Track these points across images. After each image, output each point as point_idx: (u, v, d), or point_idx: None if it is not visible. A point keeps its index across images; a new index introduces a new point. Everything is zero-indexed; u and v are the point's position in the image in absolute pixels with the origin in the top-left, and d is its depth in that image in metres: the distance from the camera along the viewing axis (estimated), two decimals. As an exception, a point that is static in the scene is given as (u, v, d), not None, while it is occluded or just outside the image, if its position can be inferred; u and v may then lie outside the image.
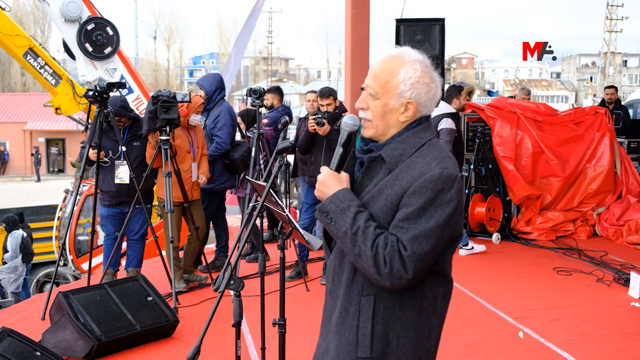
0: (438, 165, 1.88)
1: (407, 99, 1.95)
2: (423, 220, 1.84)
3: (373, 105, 1.99)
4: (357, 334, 1.94)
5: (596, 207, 8.21)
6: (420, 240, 1.83)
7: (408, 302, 1.94)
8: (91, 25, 9.96)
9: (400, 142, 1.96)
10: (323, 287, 5.96)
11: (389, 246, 1.83)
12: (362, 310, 1.94)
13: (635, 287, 5.56)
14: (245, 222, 5.93)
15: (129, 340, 4.41)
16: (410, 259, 1.82)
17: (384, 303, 1.93)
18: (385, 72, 1.97)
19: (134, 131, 5.79)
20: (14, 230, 10.55)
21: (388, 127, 1.99)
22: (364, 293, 1.95)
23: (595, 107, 8.73)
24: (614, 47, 53.29)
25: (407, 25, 8.08)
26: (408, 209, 1.85)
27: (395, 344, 1.93)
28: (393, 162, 1.93)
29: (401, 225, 1.85)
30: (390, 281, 1.84)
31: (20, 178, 35.28)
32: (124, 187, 5.69)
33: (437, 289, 1.98)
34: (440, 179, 1.85)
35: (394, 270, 1.82)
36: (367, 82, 2.00)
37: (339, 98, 6.34)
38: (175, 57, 68.27)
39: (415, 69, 1.96)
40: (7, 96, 40.23)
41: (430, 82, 1.97)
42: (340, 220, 1.89)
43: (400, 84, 1.95)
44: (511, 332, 4.79)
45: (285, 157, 6.81)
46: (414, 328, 1.94)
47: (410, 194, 1.86)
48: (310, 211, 6.16)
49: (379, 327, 1.93)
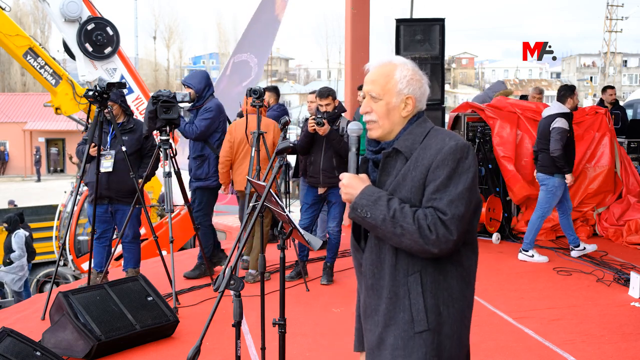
0: (451, 139, 2.09)
1: (406, 94, 2.17)
2: (452, 186, 2.03)
3: (376, 106, 2.18)
4: (411, 311, 2.08)
5: (596, 207, 8.21)
6: (456, 203, 2.01)
7: (451, 273, 2.10)
8: (91, 25, 9.96)
9: (409, 134, 2.16)
10: (323, 287, 5.97)
11: (429, 216, 2.01)
12: (411, 288, 2.08)
13: (635, 287, 5.56)
14: (245, 222, 5.93)
15: (129, 340, 4.41)
16: (451, 221, 2.00)
17: (429, 277, 2.08)
18: (382, 76, 2.19)
19: (124, 125, 5.80)
20: (15, 230, 10.57)
21: (393, 124, 2.18)
22: (409, 272, 2.09)
23: (595, 107, 8.73)
24: (614, 47, 53.29)
25: (407, 25, 8.07)
26: (437, 182, 2.04)
27: (447, 314, 2.09)
28: (408, 151, 2.12)
29: (434, 197, 2.03)
30: (438, 247, 2.00)
31: (20, 178, 35.27)
32: (102, 178, 5.64)
33: (471, 259, 2.17)
34: (457, 149, 2.06)
35: (440, 235, 1.99)
36: (367, 88, 2.21)
37: (339, 98, 6.34)
38: (175, 57, 68.27)
39: (407, 68, 2.19)
40: (7, 96, 40.23)
41: (420, 79, 2.20)
42: (375, 210, 2.05)
43: (397, 82, 2.17)
44: (511, 332, 4.79)
45: (286, 157, 6.81)
46: (459, 298, 2.12)
47: (434, 169, 2.05)
48: (310, 211, 6.15)
49: (429, 300, 2.08)
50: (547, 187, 6.75)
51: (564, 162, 6.58)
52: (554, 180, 6.67)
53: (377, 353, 2.16)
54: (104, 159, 5.66)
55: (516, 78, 69.84)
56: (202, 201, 6.30)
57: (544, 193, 6.80)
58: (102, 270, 5.80)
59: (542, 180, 6.81)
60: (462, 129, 8.16)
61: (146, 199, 7.46)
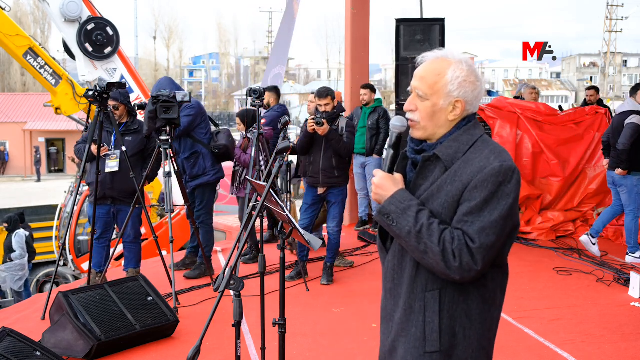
0: (497, 159, 1.93)
1: (456, 97, 2.00)
2: (487, 212, 1.89)
3: (422, 106, 2.03)
4: (424, 329, 2.00)
5: (596, 207, 8.21)
6: (487, 232, 1.88)
7: (472, 294, 1.99)
8: (91, 25, 9.97)
9: (454, 141, 2.01)
10: (323, 287, 5.97)
11: (456, 240, 1.88)
12: (428, 305, 2.00)
13: (635, 287, 5.56)
14: (245, 222, 5.93)
15: (129, 340, 4.41)
16: (478, 251, 1.88)
17: (449, 297, 1.99)
18: (432, 73, 2.01)
19: (128, 126, 5.83)
20: (16, 230, 10.57)
21: (437, 127, 2.04)
22: (428, 289, 2.00)
23: (595, 107, 8.72)
24: (614, 47, 53.34)
25: (407, 25, 8.08)
26: (471, 203, 1.91)
27: (462, 337, 1.99)
28: (449, 160, 1.98)
29: (466, 220, 1.91)
30: (460, 274, 1.89)
31: (20, 178, 35.25)
32: (107, 178, 5.67)
33: (496, 281, 2.05)
34: (500, 172, 1.91)
35: (464, 263, 1.87)
36: (415, 85, 2.05)
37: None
38: (175, 57, 68.31)
39: (461, 68, 2.01)
40: (7, 96, 40.22)
41: (476, 80, 2.02)
42: (402, 221, 1.94)
43: (448, 83, 1.99)
44: (511, 332, 4.79)
45: (286, 157, 6.80)
46: (479, 320, 2.01)
47: (472, 189, 1.91)
48: (310, 211, 6.15)
49: (446, 320, 1.99)
50: (627, 187, 6.76)
51: (626, 156, 6.62)
52: (632, 179, 6.72)
53: (389, 358, 2.12)
54: (109, 159, 5.67)
55: (516, 78, 69.77)
56: (204, 199, 6.29)
57: (626, 195, 6.78)
58: (101, 271, 5.80)
59: (619, 180, 6.81)
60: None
61: (146, 199, 7.46)
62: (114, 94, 5.58)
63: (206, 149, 6.21)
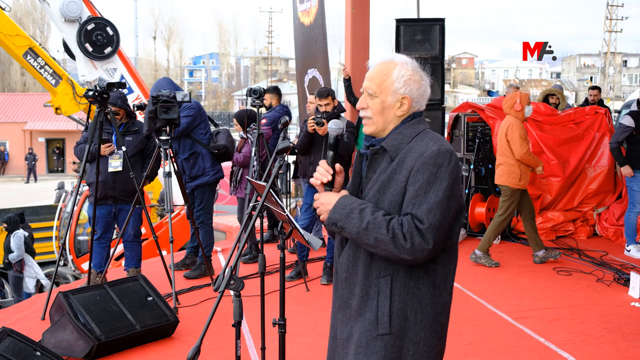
0: (435, 143, 2.10)
1: (402, 94, 2.18)
2: (432, 193, 2.03)
3: (372, 103, 2.21)
4: (376, 313, 2.11)
5: (596, 207, 8.21)
6: (434, 212, 2.02)
7: (422, 279, 2.11)
8: (91, 25, 9.97)
9: (398, 134, 2.18)
10: (323, 287, 5.97)
11: (405, 224, 2.01)
12: (381, 290, 2.11)
13: (635, 287, 5.56)
14: (245, 222, 5.93)
15: (129, 340, 4.41)
16: (428, 230, 2.00)
17: (400, 282, 2.10)
18: (380, 73, 2.20)
19: (128, 127, 5.85)
20: (15, 230, 10.56)
21: (387, 122, 2.21)
22: (381, 275, 2.12)
23: (595, 107, 8.72)
24: (614, 47, 53.28)
25: (407, 25, 8.07)
26: (416, 185, 2.05)
27: (413, 320, 2.10)
28: (394, 151, 2.14)
29: (413, 202, 2.04)
30: (413, 255, 2.01)
31: (20, 178, 35.23)
32: (108, 178, 5.69)
33: (447, 266, 2.16)
34: (439, 154, 2.06)
35: (416, 244, 2.00)
36: (365, 85, 2.24)
37: (339, 98, 6.34)
38: (175, 57, 68.33)
39: (406, 68, 2.20)
40: (7, 96, 40.22)
41: (420, 79, 2.20)
42: (349, 224, 2.08)
43: (394, 82, 2.18)
44: (511, 332, 4.79)
45: (286, 157, 6.81)
46: (430, 304, 2.12)
47: (415, 172, 2.06)
48: (310, 211, 6.15)
49: (397, 304, 2.10)
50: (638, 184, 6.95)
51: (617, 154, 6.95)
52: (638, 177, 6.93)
53: (346, 345, 2.20)
54: (112, 158, 5.70)
55: (516, 78, 69.80)
56: (203, 199, 6.29)
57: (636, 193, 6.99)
58: (101, 271, 5.80)
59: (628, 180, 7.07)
60: (462, 129, 8.15)
61: (146, 199, 7.46)
62: (113, 100, 5.60)
63: (205, 149, 6.21)
